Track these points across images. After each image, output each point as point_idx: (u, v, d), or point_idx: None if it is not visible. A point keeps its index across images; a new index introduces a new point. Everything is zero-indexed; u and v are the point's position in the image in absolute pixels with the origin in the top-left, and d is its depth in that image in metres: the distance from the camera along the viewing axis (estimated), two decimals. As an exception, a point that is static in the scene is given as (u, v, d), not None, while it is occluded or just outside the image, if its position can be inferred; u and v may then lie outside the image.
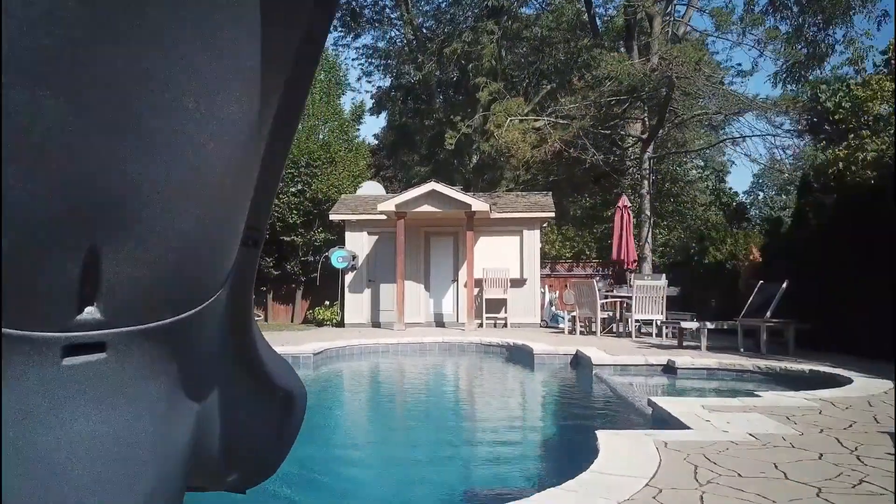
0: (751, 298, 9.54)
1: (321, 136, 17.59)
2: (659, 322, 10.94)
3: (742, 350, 8.73)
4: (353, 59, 34.83)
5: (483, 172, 24.14)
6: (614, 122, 16.99)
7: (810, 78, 19.19)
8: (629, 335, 11.40)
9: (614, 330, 12.60)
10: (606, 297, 12.22)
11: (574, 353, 8.84)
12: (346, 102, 49.82)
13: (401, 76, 29.61)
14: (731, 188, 21.80)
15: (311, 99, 17.55)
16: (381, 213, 13.52)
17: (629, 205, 12.88)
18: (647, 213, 16.87)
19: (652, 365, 7.86)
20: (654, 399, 4.96)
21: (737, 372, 7.36)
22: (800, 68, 18.51)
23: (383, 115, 31.64)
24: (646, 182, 17.20)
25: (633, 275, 13.94)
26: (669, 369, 7.63)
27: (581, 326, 12.21)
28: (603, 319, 11.96)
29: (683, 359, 7.65)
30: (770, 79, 19.33)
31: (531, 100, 20.16)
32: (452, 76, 26.27)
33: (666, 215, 19.78)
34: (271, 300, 18.43)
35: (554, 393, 7.29)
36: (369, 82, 33.51)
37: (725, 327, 9.06)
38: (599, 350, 8.70)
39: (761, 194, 44.37)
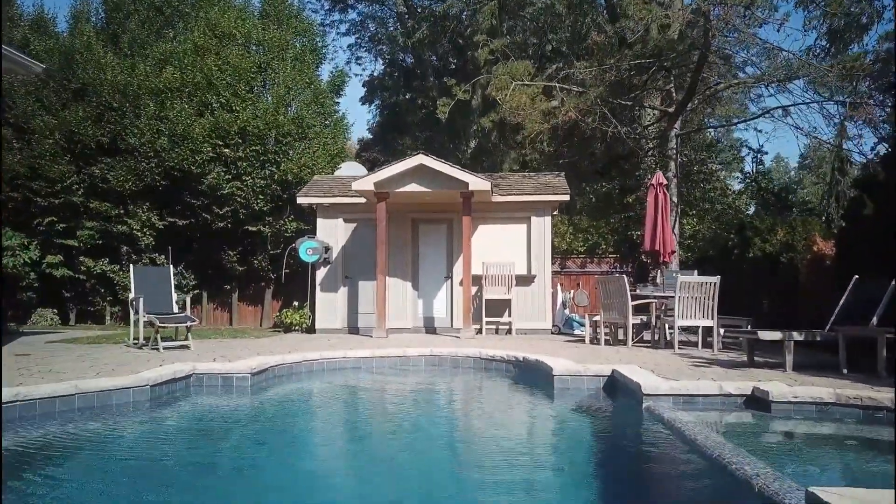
0: (842, 300, 7.08)
1: (292, 109, 15.05)
2: (722, 330, 8.47)
3: (845, 371, 6.27)
4: (342, 35, 32.41)
5: (482, 158, 21.66)
6: (636, 94, 14.49)
7: (848, 52, 17.07)
8: (669, 346, 8.95)
9: (645, 338, 10.15)
10: (636, 298, 9.74)
11: (609, 373, 6.38)
12: (325, 72, 46.18)
13: (394, 62, 27.23)
14: (769, 171, 19.26)
15: (281, 65, 15.01)
16: (358, 192, 11.00)
17: (665, 182, 10.37)
18: (675, 199, 14.39)
19: (729, 395, 5.37)
20: (823, 496, 2.49)
21: (865, 409, 4.87)
22: (839, 41, 16.32)
23: (375, 104, 29.30)
24: (672, 164, 14.73)
25: (660, 270, 11.54)
26: (758, 402, 5.16)
27: (606, 334, 9.73)
28: (634, 326, 9.49)
29: (777, 387, 5.17)
30: (802, 53, 17.22)
31: (538, 70, 17.62)
32: (449, 55, 23.80)
33: (694, 203, 17.26)
34: (237, 300, 15.95)
35: (594, 451, 4.69)
36: (359, 64, 31.14)
37: (819, 339, 6.58)
38: (643, 370, 6.25)
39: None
